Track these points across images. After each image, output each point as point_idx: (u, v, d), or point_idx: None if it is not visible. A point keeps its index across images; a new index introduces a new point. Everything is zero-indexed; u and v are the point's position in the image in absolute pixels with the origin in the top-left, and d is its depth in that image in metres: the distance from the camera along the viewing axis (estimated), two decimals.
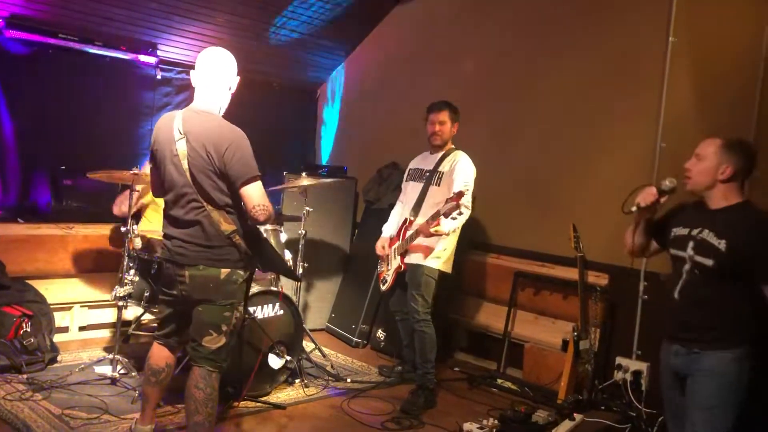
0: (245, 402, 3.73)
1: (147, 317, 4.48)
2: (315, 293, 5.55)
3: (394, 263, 4.15)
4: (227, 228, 2.80)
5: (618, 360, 4.19)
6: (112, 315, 4.76)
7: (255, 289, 3.87)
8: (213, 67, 2.89)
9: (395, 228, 4.29)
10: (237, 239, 2.82)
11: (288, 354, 3.98)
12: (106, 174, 3.93)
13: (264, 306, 3.90)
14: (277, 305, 3.95)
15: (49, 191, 4.69)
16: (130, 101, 5.38)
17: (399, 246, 4.12)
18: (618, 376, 4.16)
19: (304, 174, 4.52)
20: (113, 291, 3.91)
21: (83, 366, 3.99)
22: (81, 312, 4.72)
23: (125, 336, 4.37)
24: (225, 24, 5.34)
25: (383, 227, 4.40)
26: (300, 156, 6.58)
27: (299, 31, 5.72)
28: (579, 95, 4.66)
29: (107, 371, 3.90)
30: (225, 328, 2.85)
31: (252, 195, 2.77)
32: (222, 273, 2.81)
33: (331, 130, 6.69)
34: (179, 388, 2.95)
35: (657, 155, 4.11)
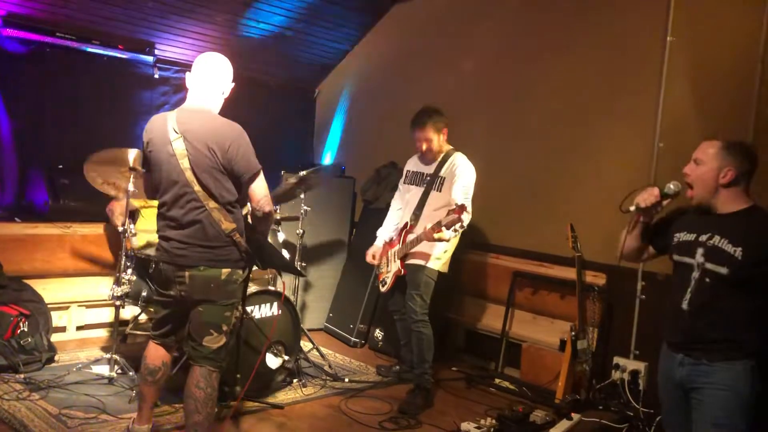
0: (243, 401, 3.73)
1: (144, 317, 4.47)
2: (313, 293, 5.55)
3: (393, 266, 4.14)
4: (228, 227, 2.80)
5: (616, 360, 4.20)
6: (109, 314, 4.76)
7: (253, 289, 3.87)
8: (208, 71, 2.90)
9: (391, 232, 4.29)
10: (237, 237, 2.83)
11: (286, 354, 3.99)
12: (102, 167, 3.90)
13: (262, 305, 3.90)
14: (275, 305, 3.95)
15: (47, 190, 4.67)
16: (127, 100, 5.38)
17: (399, 250, 4.10)
18: (616, 375, 4.16)
19: (302, 174, 4.51)
20: (110, 290, 3.90)
21: (80, 365, 3.99)
22: (78, 311, 4.70)
23: (122, 335, 4.36)
24: (223, 23, 5.33)
25: (378, 231, 4.37)
26: (298, 156, 6.57)
27: (297, 30, 5.71)
28: (577, 95, 4.66)
29: (104, 371, 3.90)
30: (225, 327, 2.86)
31: (258, 188, 2.83)
32: (223, 273, 2.82)
33: (329, 129, 6.68)
34: (177, 387, 2.95)
35: (655, 155, 4.11)
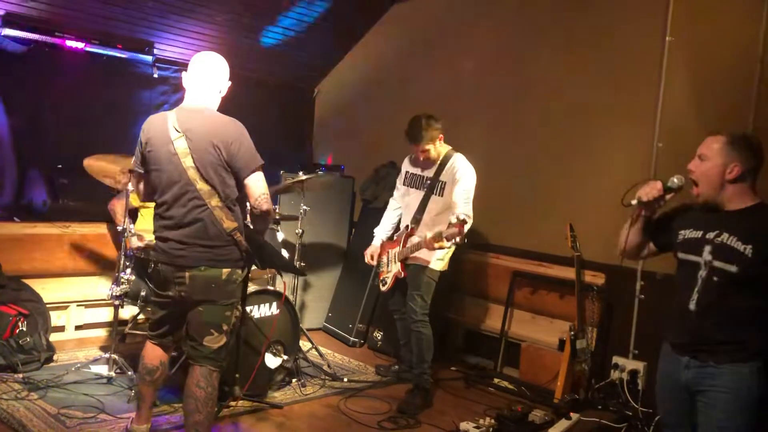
0: (242, 401, 3.72)
1: (143, 316, 4.47)
2: (312, 292, 5.54)
3: (393, 267, 4.13)
4: (229, 225, 2.80)
5: (615, 359, 4.20)
6: (108, 314, 4.76)
7: (252, 289, 3.87)
8: (205, 70, 2.90)
9: (389, 232, 4.28)
10: (238, 236, 2.82)
11: (285, 353, 3.98)
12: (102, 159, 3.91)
13: (261, 305, 3.90)
14: (275, 304, 3.95)
15: (46, 190, 4.67)
16: (126, 100, 5.37)
17: (400, 252, 4.08)
18: (615, 375, 4.17)
19: (301, 173, 4.52)
20: (109, 290, 3.90)
21: (79, 365, 3.99)
22: (77, 311, 4.70)
23: (121, 335, 4.36)
24: (222, 23, 5.33)
25: (375, 230, 4.35)
26: (297, 155, 6.57)
27: (296, 30, 5.71)
28: (576, 94, 4.66)
29: (103, 370, 3.89)
30: (226, 327, 2.86)
31: (256, 184, 2.82)
32: (223, 273, 2.81)
33: (328, 129, 6.67)
34: (176, 386, 2.95)
35: (654, 155, 4.11)
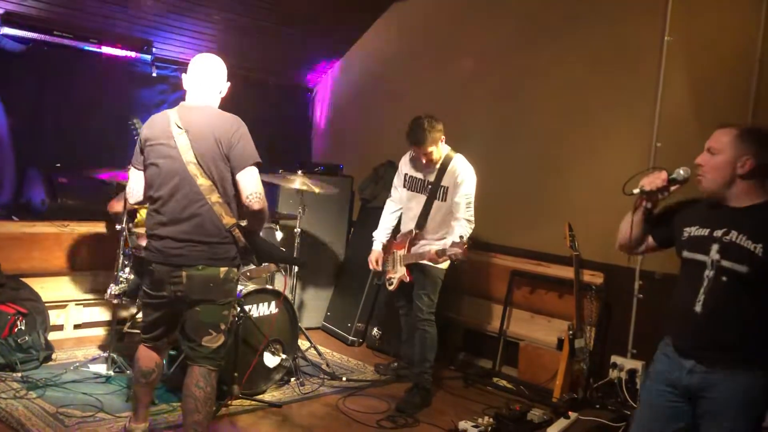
0: (241, 400, 3.73)
1: (141, 315, 4.47)
2: (311, 292, 5.55)
3: (399, 270, 4.09)
4: (229, 221, 2.79)
5: (613, 359, 4.21)
6: (107, 313, 4.76)
7: (251, 288, 3.87)
8: (205, 71, 2.92)
9: (389, 235, 4.25)
10: (237, 232, 2.81)
11: (283, 352, 3.98)
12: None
13: (260, 304, 3.90)
14: (273, 303, 3.95)
15: (44, 189, 4.67)
16: (125, 99, 5.35)
17: (405, 257, 4.05)
18: (613, 374, 4.18)
19: (300, 172, 4.50)
20: (108, 289, 3.90)
21: (78, 364, 3.99)
22: (76, 310, 4.70)
23: (120, 334, 4.36)
24: (221, 22, 5.32)
25: (374, 234, 4.27)
26: (296, 154, 6.56)
27: (295, 29, 5.70)
28: (575, 94, 4.66)
29: (102, 369, 3.89)
30: (223, 326, 2.86)
31: (249, 180, 2.78)
32: (221, 272, 2.80)
33: (327, 128, 6.67)
34: (175, 386, 2.95)
35: (652, 155, 4.12)
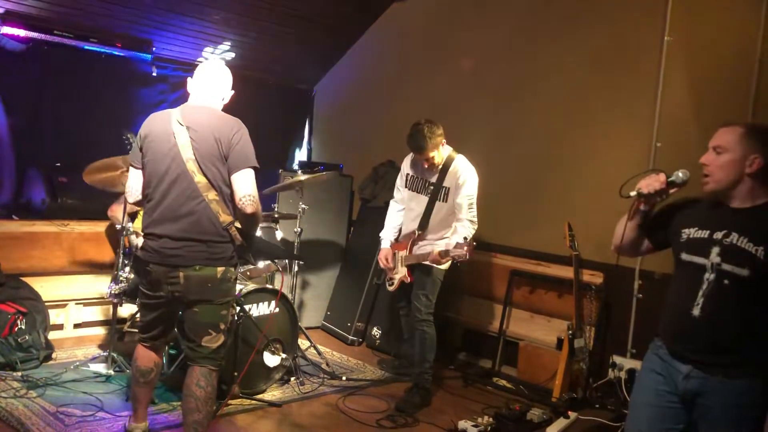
0: (241, 400, 3.73)
1: None
2: (311, 291, 5.55)
3: (401, 271, 4.10)
4: (226, 219, 2.79)
5: (613, 358, 4.21)
6: (107, 312, 4.76)
7: (251, 287, 3.88)
8: (210, 77, 2.95)
9: (395, 234, 4.24)
10: (233, 230, 2.81)
11: (283, 352, 3.98)
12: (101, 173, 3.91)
13: (259, 303, 3.90)
14: (273, 303, 3.95)
15: (44, 188, 4.67)
16: (125, 98, 5.36)
17: (406, 258, 4.06)
18: (612, 374, 4.18)
19: (300, 172, 4.51)
20: (108, 288, 3.90)
21: (78, 363, 3.99)
22: (76, 309, 4.70)
23: (120, 333, 4.36)
24: (221, 22, 5.33)
25: (381, 234, 4.26)
26: (296, 154, 6.57)
27: (295, 29, 5.71)
28: (575, 94, 4.67)
29: (102, 368, 3.90)
30: (223, 326, 2.86)
31: (243, 182, 2.78)
32: (218, 272, 2.80)
33: (327, 129, 6.68)
34: (175, 385, 2.95)
35: (652, 155, 4.12)
